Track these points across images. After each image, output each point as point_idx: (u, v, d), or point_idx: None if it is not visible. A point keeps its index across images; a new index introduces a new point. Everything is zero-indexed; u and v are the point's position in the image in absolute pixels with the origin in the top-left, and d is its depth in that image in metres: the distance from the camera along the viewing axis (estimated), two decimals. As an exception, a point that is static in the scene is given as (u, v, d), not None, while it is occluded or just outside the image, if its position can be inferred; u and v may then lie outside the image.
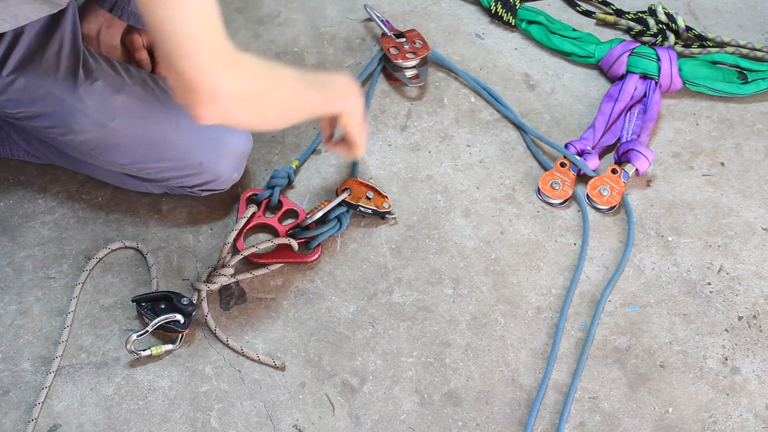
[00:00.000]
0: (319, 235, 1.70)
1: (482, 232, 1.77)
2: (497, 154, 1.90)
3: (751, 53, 2.07)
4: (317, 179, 1.84)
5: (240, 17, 2.12)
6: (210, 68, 1.11)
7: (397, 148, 1.90)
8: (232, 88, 1.15)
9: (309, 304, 1.66)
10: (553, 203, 1.82)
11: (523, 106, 1.99)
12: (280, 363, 1.58)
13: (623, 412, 1.55)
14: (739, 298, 1.70)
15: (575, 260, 1.74)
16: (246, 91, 1.18)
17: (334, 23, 2.13)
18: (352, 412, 1.54)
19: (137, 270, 1.68)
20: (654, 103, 1.95)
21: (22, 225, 1.72)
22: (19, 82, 1.47)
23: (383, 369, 1.59)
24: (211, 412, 1.52)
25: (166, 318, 1.54)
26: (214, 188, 1.68)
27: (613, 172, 1.83)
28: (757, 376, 1.60)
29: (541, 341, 1.63)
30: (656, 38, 2.07)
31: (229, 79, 1.13)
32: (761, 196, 1.85)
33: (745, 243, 1.78)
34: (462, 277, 1.71)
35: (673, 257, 1.75)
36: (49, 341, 1.58)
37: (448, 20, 2.16)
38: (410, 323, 1.64)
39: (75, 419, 1.50)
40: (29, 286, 1.65)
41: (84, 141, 1.54)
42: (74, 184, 1.78)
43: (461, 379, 1.58)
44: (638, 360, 1.61)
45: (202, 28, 1.10)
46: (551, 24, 2.10)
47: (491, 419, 1.54)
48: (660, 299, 1.69)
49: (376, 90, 2.00)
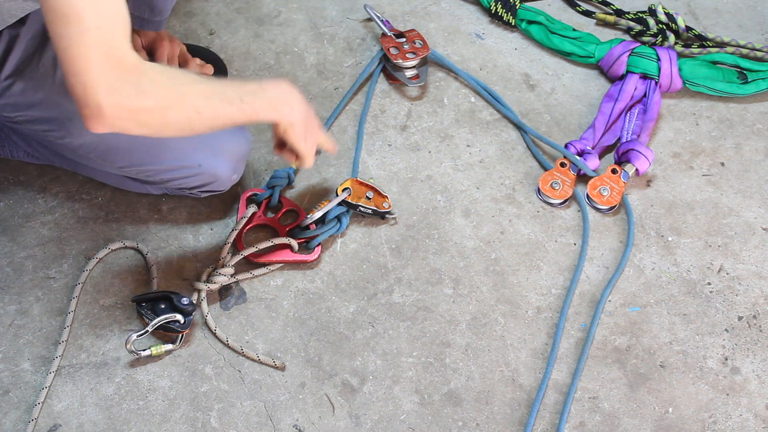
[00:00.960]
0: (319, 235, 1.70)
1: (482, 232, 1.77)
2: (497, 154, 1.90)
3: (751, 53, 2.07)
4: (317, 179, 1.84)
5: (240, 17, 2.12)
6: (96, 87, 1.16)
7: (397, 148, 1.90)
8: (118, 107, 1.19)
9: (309, 304, 1.66)
10: (553, 203, 1.82)
11: (523, 106, 1.99)
12: (280, 363, 1.58)
13: (623, 412, 1.55)
14: (739, 298, 1.70)
15: (575, 260, 1.74)
16: (134, 108, 1.21)
17: (334, 23, 2.13)
18: (352, 412, 1.54)
19: (137, 270, 1.68)
20: (654, 103, 1.95)
21: (22, 225, 1.72)
22: (17, 86, 1.48)
23: (383, 369, 1.59)
24: (211, 412, 1.52)
25: (166, 318, 1.54)
26: (214, 189, 1.68)
27: (613, 172, 1.83)
28: (757, 376, 1.60)
29: (541, 341, 1.63)
30: (656, 38, 2.07)
31: (115, 98, 1.18)
32: (761, 196, 1.85)
33: (745, 243, 1.78)
34: (462, 277, 1.71)
35: (673, 257, 1.75)
36: (49, 341, 1.58)
37: (448, 20, 2.16)
38: (410, 323, 1.64)
39: (75, 419, 1.50)
40: (29, 286, 1.65)
41: (82, 144, 1.54)
42: (74, 184, 1.78)
43: (461, 379, 1.58)
44: (638, 360, 1.61)
45: (94, 48, 1.14)
46: (551, 24, 2.10)
47: (491, 419, 1.54)
48: (660, 299, 1.69)
49: (376, 90, 2.00)
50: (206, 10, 2.13)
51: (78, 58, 1.15)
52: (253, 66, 2.02)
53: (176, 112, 1.29)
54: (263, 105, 1.40)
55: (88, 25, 1.13)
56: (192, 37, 2.07)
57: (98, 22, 1.14)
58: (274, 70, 2.02)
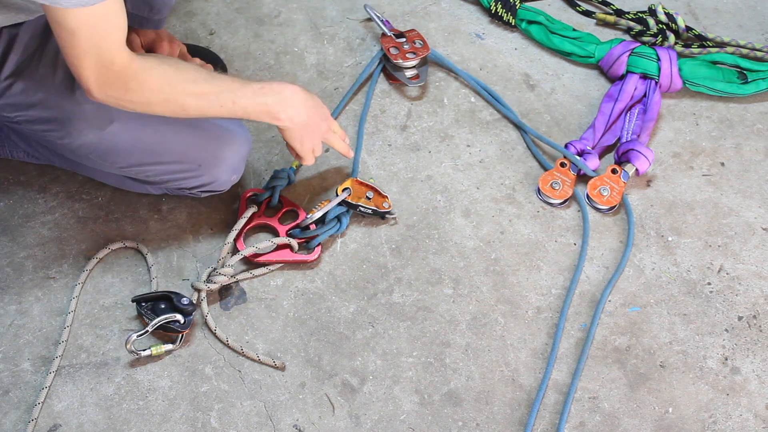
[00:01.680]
0: (319, 235, 1.70)
1: (482, 232, 1.77)
2: (497, 154, 1.90)
3: (751, 53, 2.07)
4: (317, 179, 1.84)
5: (240, 17, 2.12)
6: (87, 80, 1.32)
7: (397, 148, 1.90)
8: (106, 96, 1.35)
9: (309, 304, 1.66)
10: (553, 203, 1.82)
11: (523, 106, 1.99)
12: (280, 363, 1.58)
13: (623, 412, 1.55)
14: (739, 298, 1.70)
15: (575, 260, 1.74)
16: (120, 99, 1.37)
17: (334, 23, 2.13)
18: (352, 412, 1.54)
19: (137, 270, 1.68)
20: (654, 103, 1.95)
21: (22, 225, 1.72)
22: (17, 86, 1.48)
23: (383, 369, 1.59)
24: (211, 412, 1.52)
25: (166, 318, 1.54)
26: (214, 189, 1.68)
27: (613, 172, 1.83)
28: (757, 376, 1.60)
29: (541, 341, 1.63)
30: (656, 38, 2.07)
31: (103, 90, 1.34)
32: (761, 196, 1.85)
33: (745, 243, 1.78)
34: (462, 277, 1.71)
35: (673, 257, 1.75)
36: (49, 341, 1.58)
37: (448, 20, 2.16)
38: (410, 323, 1.64)
39: (75, 419, 1.50)
40: (29, 286, 1.65)
41: (82, 145, 1.54)
42: (74, 184, 1.78)
43: (461, 379, 1.58)
44: (638, 360, 1.61)
45: (87, 52, 1.28)
46: (551, 24, 2.10)
47: (491, 419, 1.54)
48: (660, 299, 1.69)
49: (376, 90, 2.00)
50: (206, 10, 2.13)
51: (73, 57, 1.29)
52: (253, 66, 2.02)
53: (161, 108, 1.42)
54: (257, 109, 1.49)
55: (80, 36, 1.26)
56: (192, 37, 2.07)
57: (90, 31, 1.26)
58: (274, 70, 2.02)
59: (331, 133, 1.68)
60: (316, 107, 1.60)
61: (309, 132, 1.60)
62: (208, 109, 1.45)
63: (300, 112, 1.55)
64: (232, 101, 1.45)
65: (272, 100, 1.50)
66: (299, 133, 1.58)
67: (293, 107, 1.53)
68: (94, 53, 1.28)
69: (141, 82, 1.36)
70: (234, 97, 1.45)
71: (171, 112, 1.44)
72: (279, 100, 1.51)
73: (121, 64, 1.32)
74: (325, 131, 1.65)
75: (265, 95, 1.49)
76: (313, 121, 1.59)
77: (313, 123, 1.60)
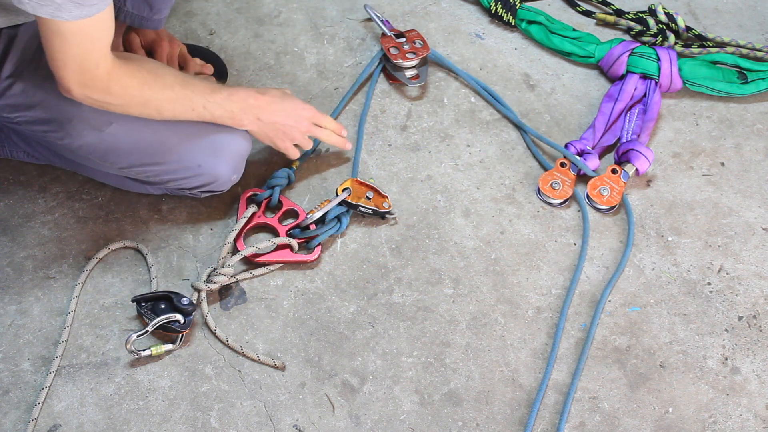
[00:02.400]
0: (319, 235, 1.70)
1: (482, 232, 1.77)
2: (497, 154, 1.90)
3: (751, 53, 2.07)
4: (317, 179, 1.84)
5: (240, 17, 2.12)
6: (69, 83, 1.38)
7: (397, 148, 1.90)
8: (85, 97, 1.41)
9: (309, 304, 1.66)
10: (553, 203, 1.82)
11: (523, 106, 1.99)
12: (280, 363, 1.58)
13: (623, 412, 1.55)
14: (739, 298, 1.70)
15: (575, 260, 1.74)
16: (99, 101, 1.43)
17: (334, 23, 2.13)
18: (352, 412, 1.54)
19: (137, 270, 1.68)
20: (654, 103, 1.95)
21: (22, 225, 1.72)
22: (16, 87, 1.48)
23: (383, 369, 1.59)
24: (211, 412, 1.52)
25: (166, 318, 1.54)
26: (214, 190, 1.68)
27: (613, 172, 1.83)
28: (757, 376, 1.60)
29: (541, 341, 1.63)
30: (656, 38, 2.07)
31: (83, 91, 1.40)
32: (761, 196, 1.85)
33: (745, 243, 1.78)
34: (462, 277, 1.71)
35: (673, 257, 1.75)
36: (49, 341, 1.58)
37: (448, 20, 2.16)
38: (410, 323, 1.64)
39: (75, 419, 1.50)
40: (29, 286, 1.65)
41: (81, 145, 1.54)
42: (74, 184, 1.78)
43: (461, 379, 1.58)
44: (638, 360, 1.61)
45: (71, 59, 1.34)
46: (551, 24, 2.10)
47: (491, 419, 1.54)
48: (660, 299, 1.69)
49: (376, 90, 2.00)
50: (206, 10, 2.13)
51: (57, 62, 1.35)
52: (253, 66, 2.02)
53: (138, 110, 1.49)
54: (224, 115, 1.59)
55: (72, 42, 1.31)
56: (192, 37, 2.07)
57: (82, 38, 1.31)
58: (274, 70, 2.02)
59: (314, 128, 1.73)
60: (286, 110, 1.68)
61: (280, 133, 1.69)
62: (182, 113, 1.54)
63: (264, 117, 1.64)
64: (203, 106, 1.55)
65: (237, 108, 1.60)
66: (268, 135, 1.68)
67: (254, 114, 1.63)
68: (80, 58, 1.34)
69: (124, 87, 1.44)
70: (205, 102, 1.55)
71: (147, 115, 1.51)
72: (243, 108, 1.61)
73: (105, 69, 1.39)
74: (305, 129, 1.71)
75: (233, 103, 1.59)
76: (282, 123, 1.68)
77: (283, 125, 1.68)
